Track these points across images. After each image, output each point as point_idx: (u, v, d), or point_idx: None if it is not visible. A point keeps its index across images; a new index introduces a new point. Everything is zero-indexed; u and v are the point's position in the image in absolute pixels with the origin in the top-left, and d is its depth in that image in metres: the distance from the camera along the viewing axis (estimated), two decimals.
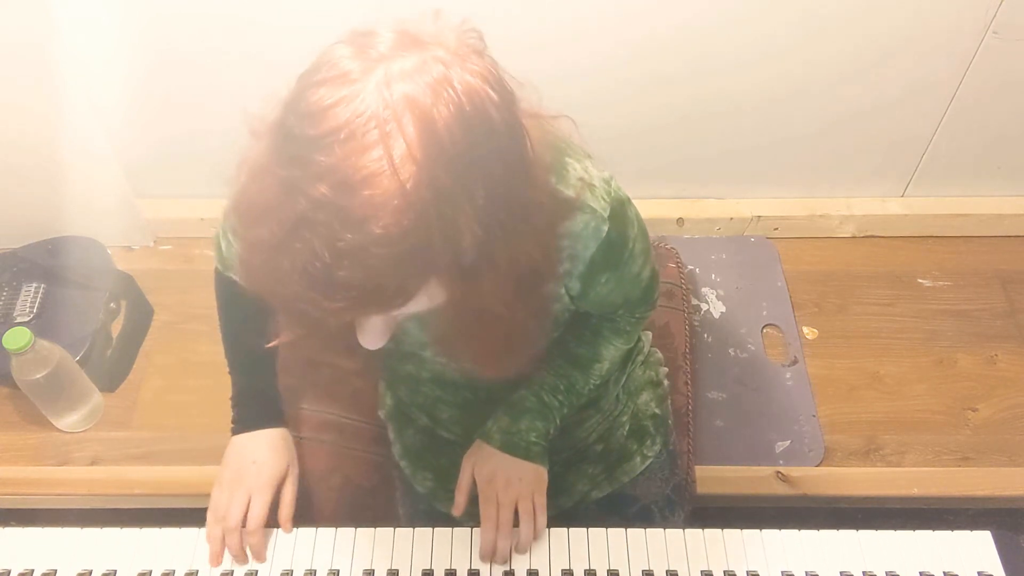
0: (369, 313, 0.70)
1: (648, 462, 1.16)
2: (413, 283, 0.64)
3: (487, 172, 0.64)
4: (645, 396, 1.19)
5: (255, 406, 1.07)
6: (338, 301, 0.63)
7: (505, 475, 0.99)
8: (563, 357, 1.05)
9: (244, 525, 0.98)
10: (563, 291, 0.92)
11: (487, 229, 0.64)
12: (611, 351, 1.06)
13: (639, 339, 1.19)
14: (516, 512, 0.99)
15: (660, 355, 1.25)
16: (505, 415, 1.03)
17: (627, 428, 1.16)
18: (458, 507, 1.01)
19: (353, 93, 0.60)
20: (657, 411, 1.18)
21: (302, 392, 1.24)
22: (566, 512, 1.12)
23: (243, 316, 1.08)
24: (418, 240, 0.61)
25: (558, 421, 1.05)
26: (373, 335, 0.73)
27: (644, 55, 1.50)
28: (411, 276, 0.63)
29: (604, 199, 0.86)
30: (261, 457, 1.03)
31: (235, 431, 1.06)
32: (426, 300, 0.68)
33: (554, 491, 1.07)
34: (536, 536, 0.98)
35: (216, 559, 0.97)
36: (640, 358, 1.19)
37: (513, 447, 1.01)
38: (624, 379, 1.16)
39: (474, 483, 1.01)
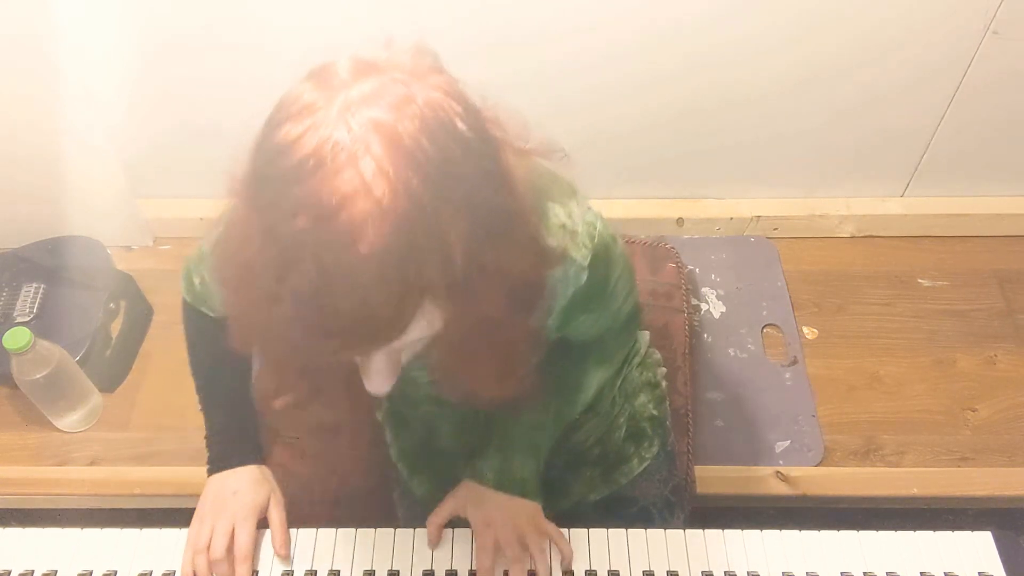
0: (370, 348, 0.69)
1: (645, 464, 1.15)
2: (408, 304, 0.63)
3: (462, 179, 0.63)
4: (643, 398, 1.18)
5: (232, 444, 1.05)
6: (336, 338, 0.63)
7: (503, 516, 0.98)
8: (547, 390, 1.03)
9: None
10: (549, 321, 0.91)
11: (473, 236, 0.63)
12: (595, 379, 1.05)
13: (635, 341, 1.19)
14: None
15: (658, 356, 1.25)
16: (496, 454, 1.02)
17: (624, 430, 1.16)
18: (432, 540, 0.99)
19: (317, 121, 0.61)
20: (655, 413, 1.18)
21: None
22: (564, 513, 1.12)
23: (215, 351, 1.06)
24: (405, 253, 0.60)
25: (545, 454, 1.04)
26: (379, 378, 0.72)
27: (643, 55, 1.50)
28: (405, 295, 0.62)
29: (586, 246, 0.86)
30: (242, 487, 1.01)
31: (211, 471, 1.04)
32: (425, 325, 0.66)
33: (551, 493, 1.07)
34: (566, 564, 0.97)
35: None
36: (637, 360, 1.19)
37: (509, 485, 1.00)
38: (620, 381, 1.16)
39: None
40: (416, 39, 0.68)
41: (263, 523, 1.01)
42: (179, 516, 1.01)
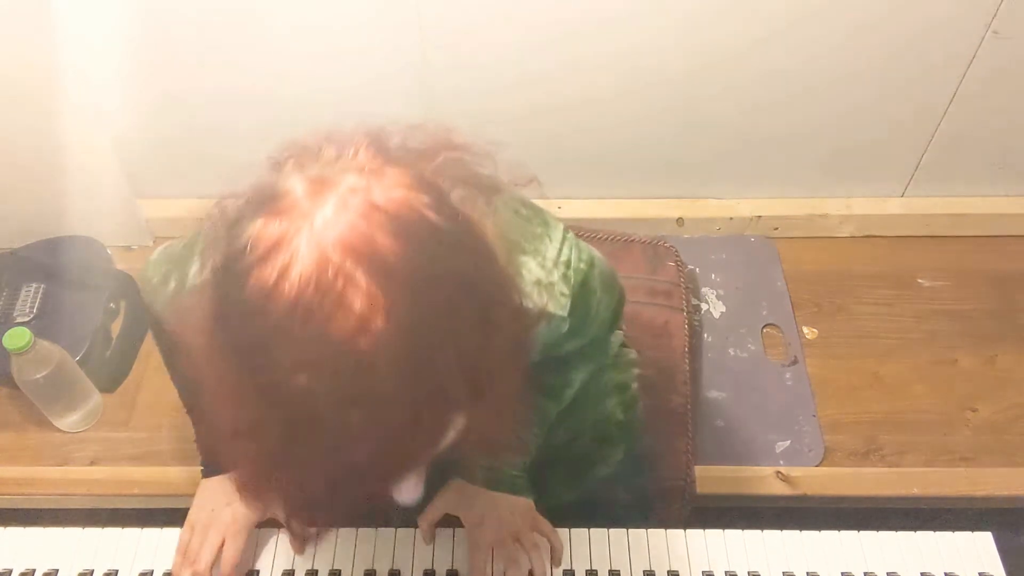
0: (407, 475, 0.65)
1: (611, 469, 1.15)
2: (441, 420, 0.60)
3: (452, 273, 0.58)
4: (612, 401, 1.16)
5: None
6: (371, 483, 0.60)
7: (496, 515, 0.98)
8: (533, 389, 1.02)
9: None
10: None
11: (480, 328, 0.59)
12: (580, 373, 1.04)
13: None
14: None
15: (633, 356, 1.23)
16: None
17: (592, 432, 1.15)
18: (427, 539, 1.00)
19: (289, 260, 0.55)
20: (622, 418, 1.16)
21: None
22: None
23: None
24: (425, 374, 0.56)
25: (532, 451, 1.04)
26: (409, 489, 0.69)
27: (643, 54, 1.50)
28: (436, 415, 0.58)
29: (564, 294, 0.84)
30: (236, 499, 0.99)
31: (205, 474, 1.03)
32: (452, 432, 0.62)
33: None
34: (558, 559, 0.97)
35: None
36: (608, 360, 1.17)
37: (498, 483, 1.00)
38: (604, 377, 1.15)
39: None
40: (355, 125, 0.63)
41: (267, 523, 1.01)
42: (179, 516, 1.02)
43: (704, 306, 1.68)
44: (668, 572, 0.96)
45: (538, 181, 0.74)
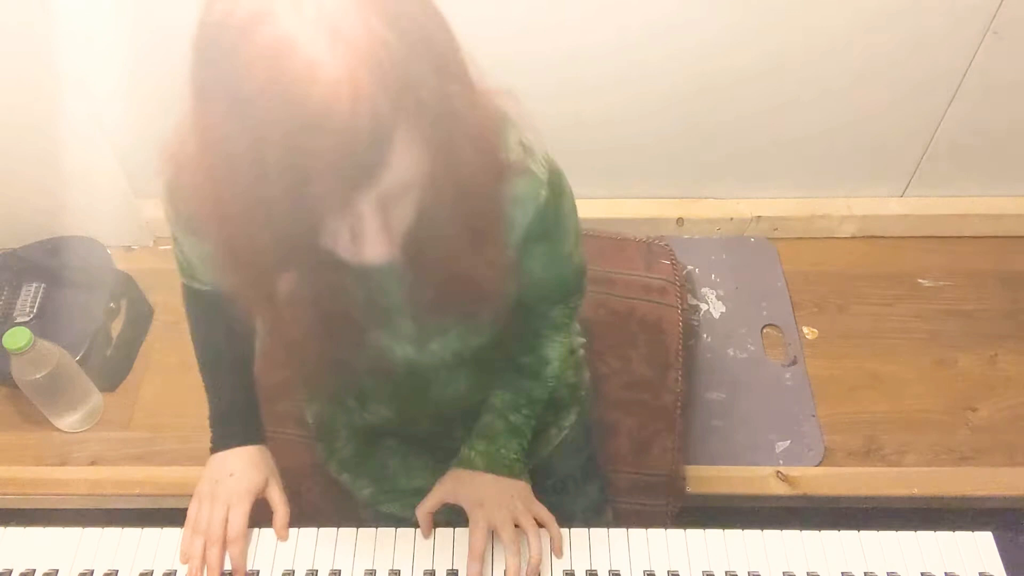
0: (357, 188, 0.63)
1: (564, 433, 1.16)
2: (384, 122, 0.60)
3: (416, 21, 0.63)
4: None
5: (233, 425, 1.05)
6: (320, 183, 0.61)
7: (495, 498, 0.99)
8: (514, 371, 1.05)
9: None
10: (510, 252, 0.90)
11: (438, 74, 0.63)
12: (556, 350, 1.05)
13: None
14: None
15: (577, 326, 1.24)
16: (480, 440, 1.03)
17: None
18: (425, 530, 1.00)
19: None
20: (573, 380, 1.18)
21: (284, 393, 1.25)
22: None
23: (216, 332, 1.07)
24: (369, 72, 0.59)
25: (528, 435, 1.04)
26: (375, 239, 0.68)
27: (645, 55, 1.50)
28: (379, 115, 0.60)
29: (543, 165, 0.87)
30: (238, 469, 1.01)
31: (213, 450, 1.05)
32: (406, 164, 0.63)
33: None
34: (558, 547, 0.98)
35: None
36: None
37: (497, 466, 1.01)
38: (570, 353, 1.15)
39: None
40: None
41: (266, 513, 1.01)
42: (179, 516, 1.01)
43: (704, 306, 1.68)
44: (668, 572, 0.95)
45: (514, 93, 0.78)
